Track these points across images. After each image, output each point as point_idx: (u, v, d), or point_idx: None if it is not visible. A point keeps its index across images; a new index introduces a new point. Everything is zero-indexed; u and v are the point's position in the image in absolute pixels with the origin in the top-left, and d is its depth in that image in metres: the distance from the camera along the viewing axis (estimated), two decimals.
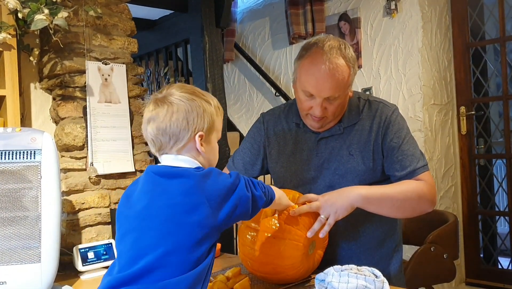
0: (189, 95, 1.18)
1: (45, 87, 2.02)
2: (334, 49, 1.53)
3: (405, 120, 1.70)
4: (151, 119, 1.17)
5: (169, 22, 3.98)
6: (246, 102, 4.88)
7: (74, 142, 1.94)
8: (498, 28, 3.46)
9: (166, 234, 1.09)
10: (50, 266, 1.54)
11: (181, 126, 1.16)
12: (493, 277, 3.50)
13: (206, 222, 1.09)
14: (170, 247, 1.08)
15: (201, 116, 1.17)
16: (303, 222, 1.48)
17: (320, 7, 4.06)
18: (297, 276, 1.51)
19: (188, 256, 1.08)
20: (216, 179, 1.14)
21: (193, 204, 1.09)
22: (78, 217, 1.93)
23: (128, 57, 2.16)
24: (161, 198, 1.12)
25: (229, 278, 1.48)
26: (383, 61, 3.68)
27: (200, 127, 1.17)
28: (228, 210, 1.12)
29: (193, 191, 1.10)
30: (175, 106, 1.15)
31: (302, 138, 1.72)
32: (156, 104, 1.17)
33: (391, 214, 1.61)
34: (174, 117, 1.15)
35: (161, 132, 1.16)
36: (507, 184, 3.47)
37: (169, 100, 1.16)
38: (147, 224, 1.11)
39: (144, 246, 1.10)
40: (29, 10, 1.73)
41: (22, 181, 1.54)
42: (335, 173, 1.65)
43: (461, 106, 3.62)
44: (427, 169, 1.63)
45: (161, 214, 1.10)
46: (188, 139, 1.17)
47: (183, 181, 1.12)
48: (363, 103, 1.70)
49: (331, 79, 1.52)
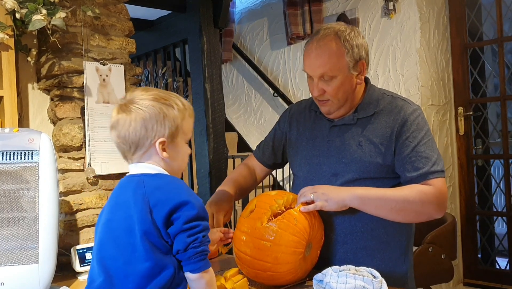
0: (149, 102, 1.17)
1: (43, 88, 2.01)
2: (332, 32, 1.63)
3: (427, 123, 1.66)
4: (113, 126, 1.18)
5: (167, 23, 3.98)
6: (244, 102, 4.88)
7: (72, 143, 1.94)
8: (496, 29, 3.47)
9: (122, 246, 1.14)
10: (48, 267, 1.54)
11: (140, 135, 1.16)
12: (491, 277, 3.50)
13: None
14: (127, 258, 1.12)
15: (160, 123, 1.16)
16: (299, 227, 1.47)
17: (318, 8, 4.06)
18: (295, 279, 1.52)
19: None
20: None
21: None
22: (76, 217, 1.93)
23: (126, 57, 2.16)
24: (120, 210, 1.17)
25: (227, 279, 1.47)
26: (381, 62, 3.68)
27: (160, 133, 1.17)
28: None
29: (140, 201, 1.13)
30: (133, 114, 1.15)
31: (318, 126, 1.77)
32: (118, 110, 1.18)
33: (391, 217, 1.58)
34: (133, 126, 1.15)
35: (122, 140, 1.17)
36: (504, 185, 3.47)
37: (129, 108, 1.16)
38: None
39: (106, 257, 1.16)
40: (27, 10, 1.73)
41: (19, 181, 1.53)
42: (340, 161, 1.66)
43: (459, 107, 3.62)
44: (441, 175, 1.58)
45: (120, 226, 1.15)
46: (148, 146, 1.17)
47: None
48: (387, 99, 1.70)
49: (321, 57, 1.61)
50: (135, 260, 1.11)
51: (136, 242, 1.11)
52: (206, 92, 3.40)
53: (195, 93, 3.46)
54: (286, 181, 4.14)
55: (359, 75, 1.65)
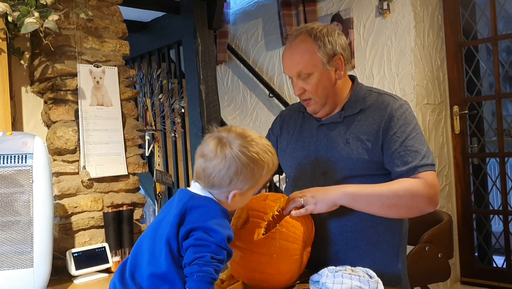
0: (246, 159, 1.18)
1: (36, 91, 2.00)
2: (304, 31, 1.66)
3: (415, 117, 1.66)
4: (204, 155, 1.21)
5: (161, 24, 3.97)
6: (240, 103, 4.87)
7: (66, 145, 1.93)
8: (490, 27, 3.47)
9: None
10: (43, 270, 1.53)
11: (223, 181, 1.19)
12: (488, 275, 3.50)
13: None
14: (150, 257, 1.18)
15: (245, 180, 1.20)
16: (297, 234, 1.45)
17: (313, 8, 4.06)
18: (293, 281, 1.50)
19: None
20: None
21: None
22: (71, 221, 1.92)
23: (120, 59, 2.15)
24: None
25: (223, 281, 1.47)
26: (376, 61, 3.68)
27: (239, 187, 1.20)
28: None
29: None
30: (227, 162, 1.17)
31: (307, 126, 1.78)
32: (216, 146, 1.19)
33: (382, 213, 1.57)
34: (223, 173, 1.18)
35: (205, 174, 1.20)
36: (500, 183, 3.47)
37: (226, 152, 1.18)
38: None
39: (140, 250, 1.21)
40: (19, 13, 1.72)
41: (13, 185, 1.53)
42: (329, 160, 1.65)
43: (454, 106, 3.63)
44: (431, 169, 1.57)
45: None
46: (223, 192, 1.21)
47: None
48: (373, 95, 1.70)
49: (294, 56, 1.65)
50: (156, 261, 1.14)
51: (162, 246, 1.14)
52: (201, 93, 3.39)
53: (190, 94, 3.45)
54: (282, 181, 4.13)
55: (337, 71, 1.66)
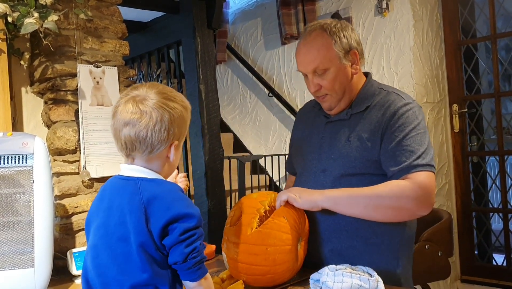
0: (169, 102, 1.12)
1: (36, 91, 2.01)
2: (317, 27, 1.64)
3: (419, 118, 1.60)
4: (129, 123, 1.11)
5: (160, 24, 3.97)
6: (239, 103, 4.87)
7: (66, 146, 1.93)
8: (489, 26, 3.48)
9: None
10: (44, 270, 1.53)
11: (161, 137, 1.12)
12: (488, 273, 3.51)
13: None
14: (122, 268, 1.10)
15: (180, 125, 1.14)
16: (290, 223, 1.47)
17: (312, 7, 4.07)
18: (292, 275, 1.51)
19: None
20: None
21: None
22: (71, 221, 1.93)
23: (120, 59, 2.15)
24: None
25: (223, 280, 1.47)
26: (375, 60, 3.69)
27: (177, 136, 1.14)
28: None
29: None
30: (157, 113, 1.11)
31: (316, 123, 1.79)
32: (136, 106, 1.11)
33: (367, 215, 1.53)
34: (158, 126, 1.10)
35: (140, 139, 1.11)
36: (500, 181, 3.48)
37: (149, 106, 1.11)
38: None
39: (101, 265, 1.13)
40: (19, 14, 1.72)
41: (14, 185, 1.53)
42: (330, 157, 1.65)
43: (454, 104, 3.63)
44: (426, 169, 1.50)
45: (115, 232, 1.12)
46: (162, 149, 1.14)
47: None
48: (382, 94, 1.67)
49: (310, 52, 1.63)
50: (131, 270, 1.07)
51: (131, 251, 1.07)
52: (201, 93, 3.39)
53: (190, 94, 3.45)
54: (282, 180, 4.14)
55: (353, 65, 1.65)
